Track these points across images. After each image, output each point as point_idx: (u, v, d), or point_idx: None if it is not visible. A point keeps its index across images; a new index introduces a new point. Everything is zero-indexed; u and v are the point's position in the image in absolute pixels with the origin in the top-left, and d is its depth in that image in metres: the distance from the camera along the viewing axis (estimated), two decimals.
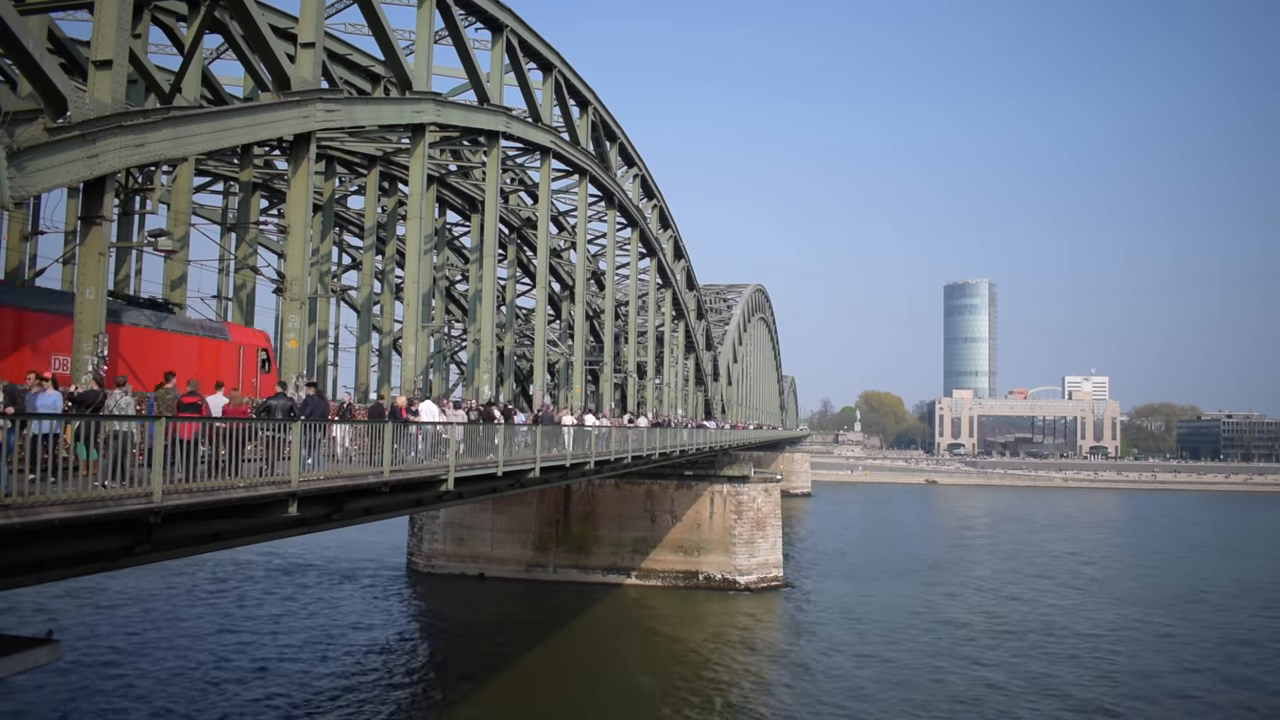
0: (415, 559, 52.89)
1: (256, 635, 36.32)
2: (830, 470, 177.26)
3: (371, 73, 32.89)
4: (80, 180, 14.57)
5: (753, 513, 50.55)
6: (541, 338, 38.25)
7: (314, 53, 20.46)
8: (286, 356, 20.28)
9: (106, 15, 15.14)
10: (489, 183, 30.82)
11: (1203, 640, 40.52)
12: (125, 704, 27.25)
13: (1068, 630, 41.66)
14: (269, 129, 19.50)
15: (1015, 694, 30.97)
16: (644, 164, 49.14)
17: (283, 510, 13.67)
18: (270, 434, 13.38)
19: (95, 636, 34.87)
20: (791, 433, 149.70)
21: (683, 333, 64.37)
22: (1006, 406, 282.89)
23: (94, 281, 14.86)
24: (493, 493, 24.68)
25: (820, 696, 30.11)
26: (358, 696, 28.96)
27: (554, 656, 34.72)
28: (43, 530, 9.73)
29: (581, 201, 40.54)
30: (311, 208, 22.53)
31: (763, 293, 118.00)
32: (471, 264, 39.15)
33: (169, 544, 12.96)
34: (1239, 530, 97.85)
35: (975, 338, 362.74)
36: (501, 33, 31.27)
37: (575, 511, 50.41)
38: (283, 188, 33.58)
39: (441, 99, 27.71)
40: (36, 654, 11.91)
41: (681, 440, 45.03)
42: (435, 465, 18.83)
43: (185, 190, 24.45)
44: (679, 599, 46.57)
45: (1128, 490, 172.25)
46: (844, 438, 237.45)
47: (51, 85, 13.80)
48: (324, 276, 32.15)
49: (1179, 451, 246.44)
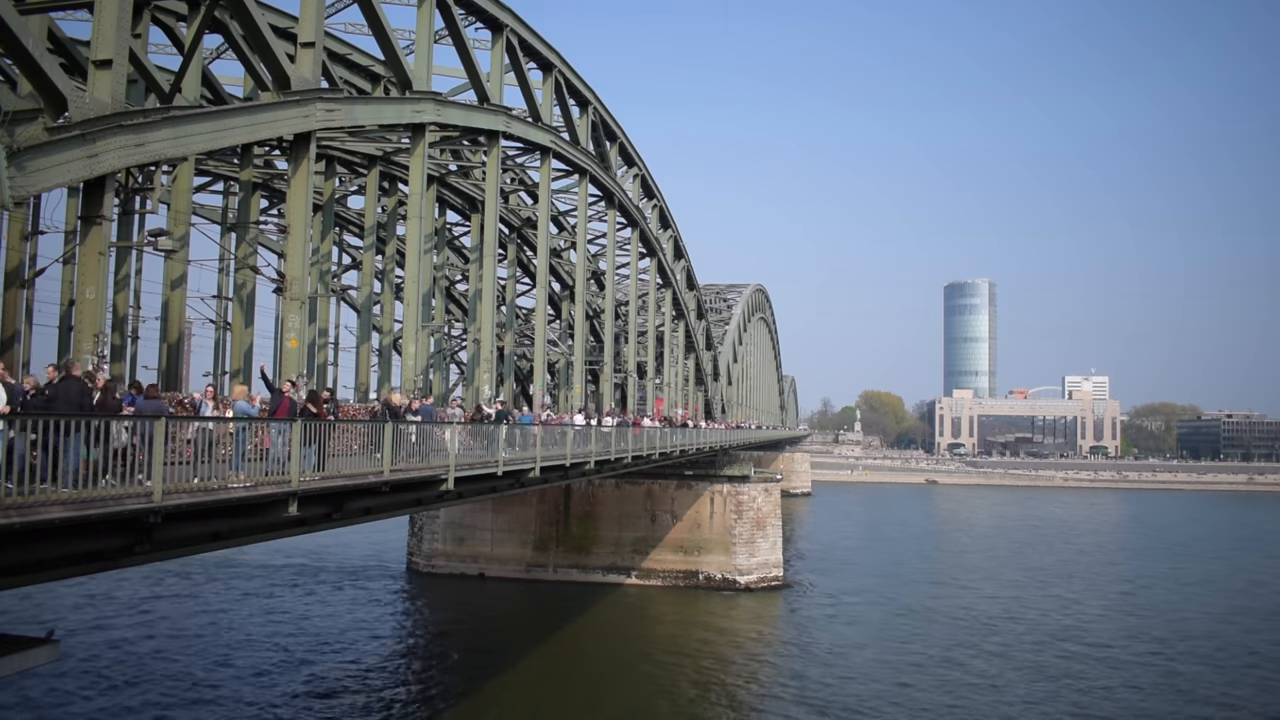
0: (415, 559, 52.89)
1: (256, 635, 36.31)
2: (830, 470, 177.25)
3: (371, 72, 32.88)
4: (80, 180, 14.56)
5: (753, 513, 50.54)
6: (541, 338, 38.24)
7: (314, 52, 20.45)
8: (287, 356, 20.27)
9: (106, 15, 15.14)
10: (489, 182, 30.80)
11: (1216, 641, 40.53)
12: (125, 704, 27.24)
13: (1068, 630, 41.64)
14: (269, 129, 19.49)
15: (1015, 693, 30.97)
16: (644, 164, 49.14)
17: (283, 510, 13.67)
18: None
19: (96, 636, 34.86)
20: (792, 433, 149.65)
21: (683, 333, 64.34)
22: (1006, 406, 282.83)
23: (94, 281, 14.85)
24: (493, 492, 24.67)
25: (820, 697, 30.09)
26: (357, 697, 28.95)
27: (554, 656, 34.71)
28: (43, 530, 9.74)
29: (581, 201, 40.53)
30: (311, 207, 22.51)
31: (763, 293, 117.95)
32: (471, 264, 39.14)
33: (169, 543, 12.95)
34: (1247, 531, 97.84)
35: (975, 338, 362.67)
36: (501, 32, 31.26)
37: (575, 511, 50.42)
38: (283, 187, 33.56)
39: (441, 99, 27.69)
40: (37, 654, 11.90)
41: (681, 440, 45.03)
42: (435, 465, 18.83)
43: (185, 190, 24.44)
44: (679, 599, 46.57)
45: (1127, 490, 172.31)
46: (844, 438, 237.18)
47: (51, 85, 13.80)
48: (324, 276, 32.10)
49: (1179, 451, 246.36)
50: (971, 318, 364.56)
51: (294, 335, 20.14)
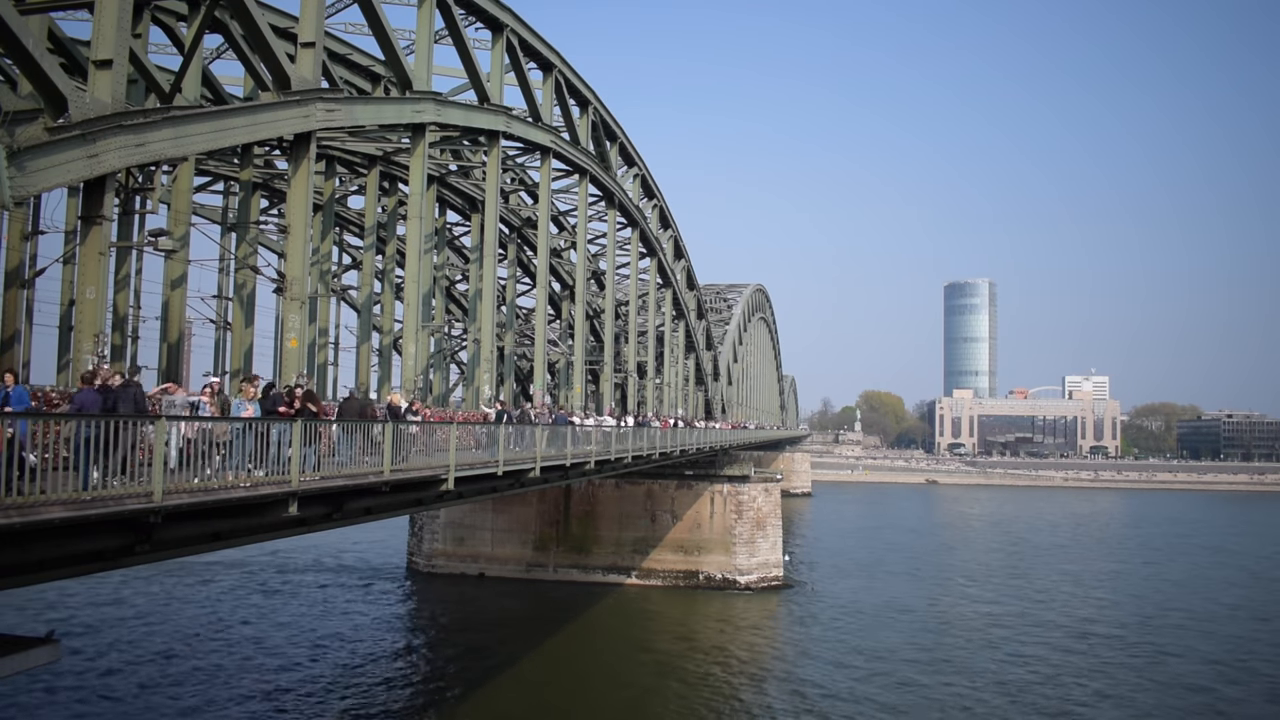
0: (415, 559, 52.90)
1: (255, 635, 36.32)
2: (830, 470, 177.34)
3: (371, 72, 32.89)
4: (80, 180, 14.57)
5: (753, 512, 50.55)
6: (541, 337, 38.26)
7: (314, 52, 20.47)
8: (287, 356, 20.27)
9: (106, 15, 15.15)
10: (489, 182, 30.82)
11: (1215, 639, 40.53)
12: (125, 704, 27.25)
13: (1067, 630, 41.65)
14: (269, 129, 19.50)
15: (1016, 693, 30.95)
16: (644, 164, 49.17)
17: (283, 510, 13.66)
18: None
19: (96, 637, 34.87)
20: (792, 432, 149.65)
21: (683, 332, 64.36)
22: (1007, 406, 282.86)
23: (94, 281, 14.86)
24: (493, 492, 24.66)
25: (820, 697, 30.09)
26: (357, 696, 28.95)
27: (554, 656, 34.72)
28: (43, 530, 9.73)
29: (582, 201, 40.55)
30: (311, 207, 22.52)
31: (763, 292, 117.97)
32: (471, 264, 39.16)
33: (169, 543, 12.94)
34: (1248, 530, 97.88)
35: (975, 338, 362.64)
36: (501, 32, 31.28)
37: (575, 511, 50.43)
38: (283, 187, 33.57)
39: (441, 99, 27.71)
40: (37, 654, 11.90)
41: (681, 440, 45.04)
42: (435, 465, 18.82)
43: (185, 190, 24.44)
44: (679, 599, 46.58)
45: (1127, 490, 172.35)
46: (844, 437, 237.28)
47: (52, 85, 13.80)
48: (324, 276, 32.10)
49: (1179, 451, 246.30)
50: (972, 318, 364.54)
51: (294, 335, 20.15)
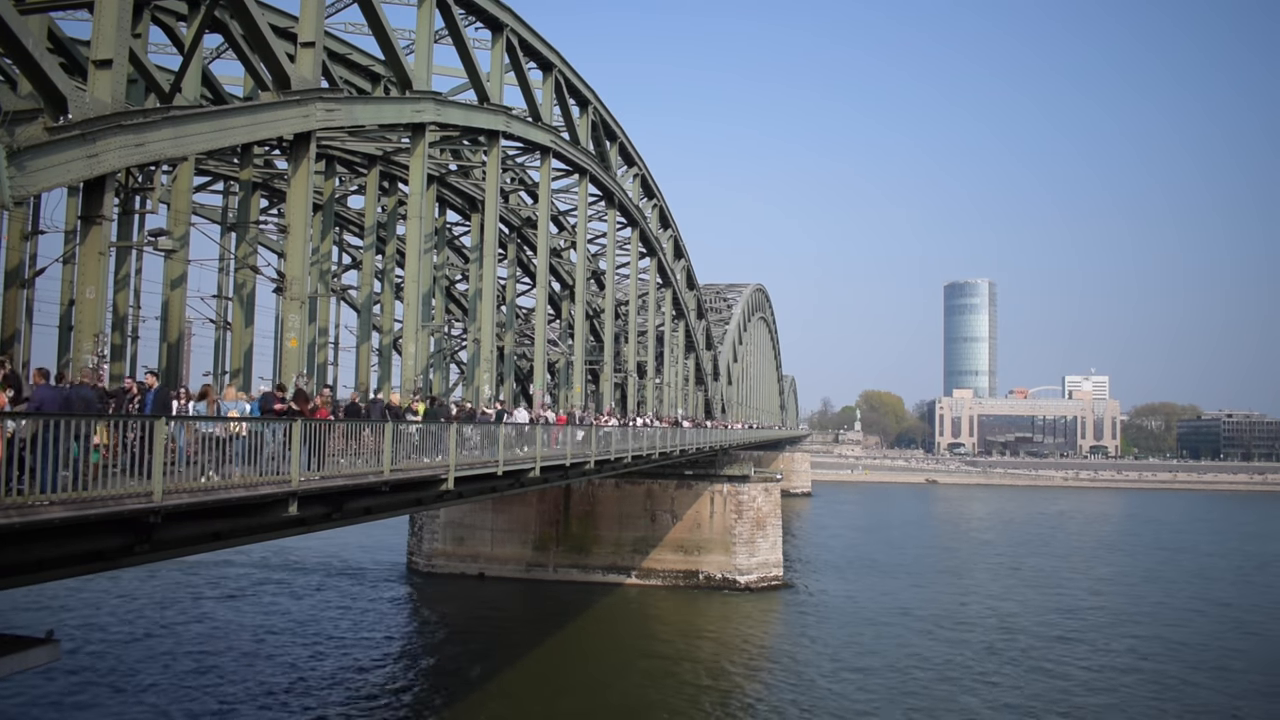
0: (415, 558, 52.90)
1: (255, 635, 36.32)
2: (830, 470, 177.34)
3: (371, 72, 32.86)
4: (80, 180, 14.55)
5: (753, 512, 50.55)
6: (541, 337, 38.23)
7: (314, 52, 20.45)
8: (287, 356, 20.26)
9: (106, 15, 15.13)
10: (489, 182, 30.79)
11: (1211, 638, 40.54)
12: (125, 704, 27.25)
13: (1067, 629, 41.64)
14: (269, 128, 19.48)
15: (1016, 693, 30.96)
16: (644, 163, 49.15)
17: (283, 510, 13.67)
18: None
19: (96, 636, 34.86)
20: (791, 432, 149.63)
21: (683, 332, 64.34)
22: (1007, 406, 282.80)
23: (94, 281, 14.84)
24: (493, 492, 24.67)
25: (820, 697, 30.10)
26: (356, 696, 28.95)
27: (554, 656, 34.73)
28: (43, 530, 9.73)
29: (581, 201, 40.53)
30: (311, 207, 22.51)
31: (763, 292, 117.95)
32: (471, 264, 39.14)
33: (169, 543, 12.95)
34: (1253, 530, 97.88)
35: (975, 337, 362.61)
36: (501, 32, 31.26)
37: (575, 511, 50.43)
38: (283, 187, 33.54)
39: (441, 98, 27.68)
40: (37, 654, 11.88)
41: (681, 440, 45.03)
42: (435, 464, 18.82)
43: (185, 190, 24.41)
44: (679, 599, 46.59)
45: (1127, 489, 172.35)
46: (844, 437, 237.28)
47: (51, 85, 13.79)
48: (324, 276, 32.07)
49: (1179, 451, 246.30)
50: (971, 317, 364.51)
51: (294, 335, 20.14)
